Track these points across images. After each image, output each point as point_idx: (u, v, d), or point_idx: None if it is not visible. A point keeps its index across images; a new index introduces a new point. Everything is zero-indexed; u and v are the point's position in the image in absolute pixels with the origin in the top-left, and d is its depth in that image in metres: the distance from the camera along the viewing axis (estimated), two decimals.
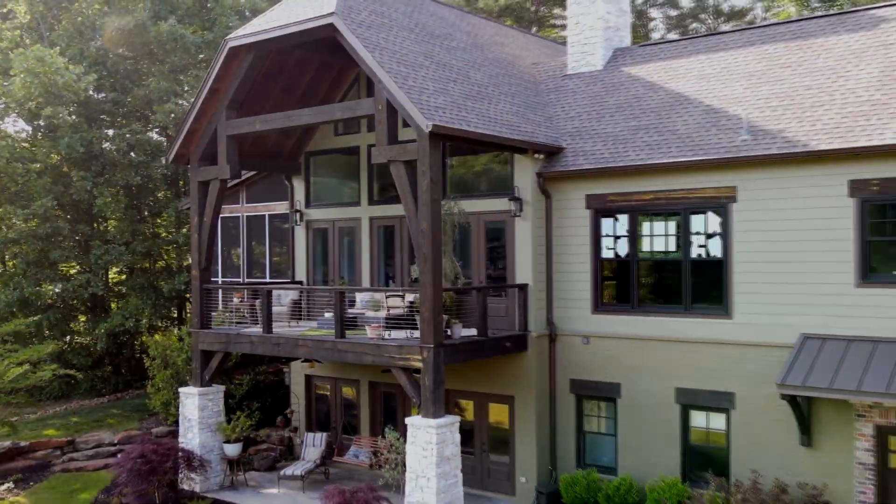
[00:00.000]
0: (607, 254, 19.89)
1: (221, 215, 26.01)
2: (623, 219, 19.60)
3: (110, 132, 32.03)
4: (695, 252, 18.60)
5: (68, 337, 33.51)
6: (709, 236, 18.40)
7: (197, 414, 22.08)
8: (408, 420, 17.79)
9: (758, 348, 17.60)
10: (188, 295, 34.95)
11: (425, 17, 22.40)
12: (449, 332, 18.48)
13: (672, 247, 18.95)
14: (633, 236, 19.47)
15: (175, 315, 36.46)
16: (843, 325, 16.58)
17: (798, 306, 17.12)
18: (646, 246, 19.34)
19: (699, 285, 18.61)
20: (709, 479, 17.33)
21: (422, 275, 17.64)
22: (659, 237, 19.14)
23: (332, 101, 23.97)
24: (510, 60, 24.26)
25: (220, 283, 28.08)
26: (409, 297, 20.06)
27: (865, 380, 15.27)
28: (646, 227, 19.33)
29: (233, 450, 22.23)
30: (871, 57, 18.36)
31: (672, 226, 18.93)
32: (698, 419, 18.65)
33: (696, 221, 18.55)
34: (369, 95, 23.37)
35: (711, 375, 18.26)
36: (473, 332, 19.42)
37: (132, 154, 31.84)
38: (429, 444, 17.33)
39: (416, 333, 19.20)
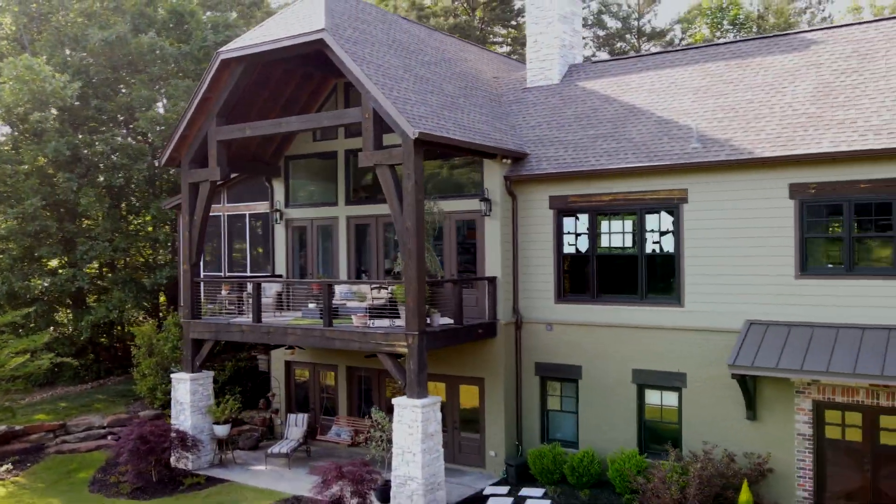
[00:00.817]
0: (569, 249, 20.12)
1: None
2: (583, 218, 19.83)
3: (94, 137, 31.31)
4: (649, 248, 18.90)
5: (51, 328, 32.78)
6: (662, 233, 18.72)
7: (189, 398, 21.77)
8: (395, 401, 17.79)
9: (707, 333, 18.00)
10: (164, 289, 34.45)
11: (400, 34, 22.40)
12: (429, 321, 18.54)
13: (629, 243, 19.24)
14: (593, 234, 19.71)
15: (150, 307, 35.92)
16: (784, 313, 17.04)
17: (743, 295, 17.54)
18: (604, 242, 19.58)
19: (653, 277, 18.93)
20: (668, 450, 17.59)
21: (407, 269, 17.65)
22: (616, 234, 19.40)
23: (310, 110, 23.88)
24: (474, 74, 24.39)
25: (201, 277, 27.69)
26: (388, 288, 20.11)
27: (807, 360, 15.76)
28: (604, 225, 19.58)
29: (222, 430, 21.97)
30: (805, 75, 18.91)
31: (629, 224, 19.22)
32: (653, 397, 18.96)
33: (651, 220, 18.84)
34: (347, 105, 23.37)
35: (665, 358, 18.60)
36: (449, 320, 19.53)
37: (114, 157, 31.25)
38: (414, 422, 17.39)
39: (398, 322, 19.29)
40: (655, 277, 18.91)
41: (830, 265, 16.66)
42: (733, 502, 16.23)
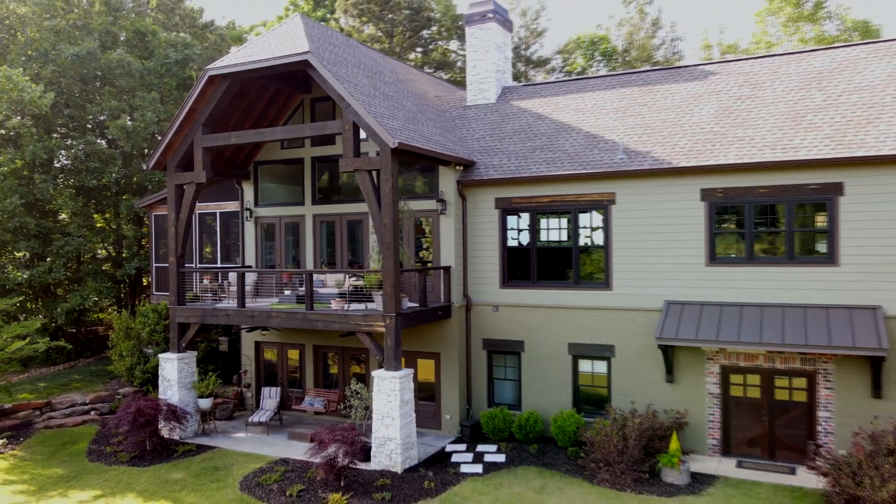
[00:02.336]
0: (512, 243, 20.41)
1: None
2: (525, 216, 20.19)
3: (68, 141, 29.74)
4: (582, 241, 19.40)
5: (24, 315, 31.02)
6: (594, 229, 19.25)
7: (176, 375, 21.08)
8: (374, 373, 17.73)
9: (632, 312, 18.68)
10: (130, 280, 33.10)
11: (363, 58, 22.24)
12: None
13: (564, 237, 19.68)
14: (533, 229, 20.09)
15: (118, 296, 34.43)
16: (697, 294, 17.82)
17: (662, 280, 18.26)
18: (543, 237, 19.95)
19: (586, 266, 19.43)
20: (608, 409, 18.14)
21: (384, 259, 17.60)
22: (554, 230, 19.81)
23: (278, 123, 23.42)
24: (422, 93, 24.41)
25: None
26: (354, 277, 20.04)
27: (720, 333, 16.62)
28: (543, 222, 19.96)
29: (206, 403, 21.37)
30: (707, 100, 19.83)
31: (564, 221, 19.66)
32: (586, 366, 19.48)
33: (584, 218, 19.35)
34: (313, 118, 23.04)
35: (596, 333, 19.17)
36: (415, 304, 19.60)
37: (87, 161, 29.77)
38: (392, 391, 17.41)
39: (371, 305, 19.23)
40: (588, 266, 19.44)
41: (734, 255, 17.54)
42: (660, 450, 16.95)
